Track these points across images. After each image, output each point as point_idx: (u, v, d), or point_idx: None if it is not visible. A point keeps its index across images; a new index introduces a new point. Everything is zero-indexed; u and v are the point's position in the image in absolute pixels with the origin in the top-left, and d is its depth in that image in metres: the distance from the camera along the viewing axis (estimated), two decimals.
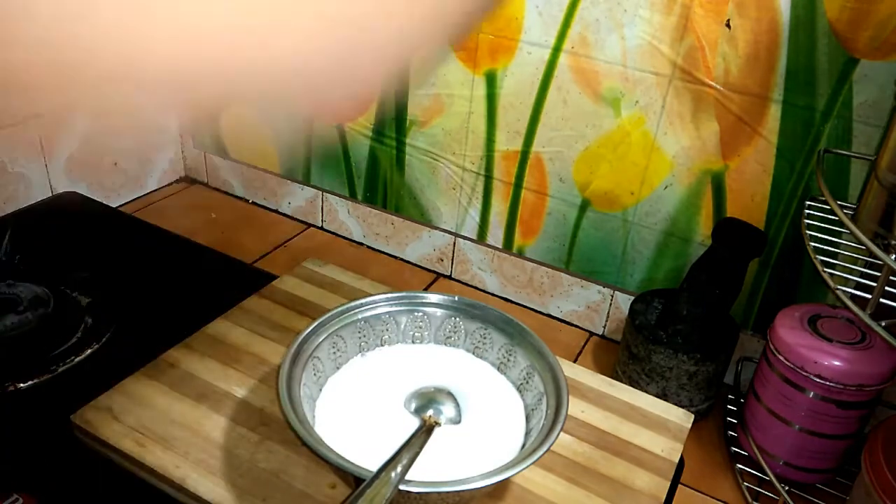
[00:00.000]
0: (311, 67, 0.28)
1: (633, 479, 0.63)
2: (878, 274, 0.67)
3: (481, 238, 1.19)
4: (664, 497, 0.62)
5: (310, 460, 0.60)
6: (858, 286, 0.71)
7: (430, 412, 0.60)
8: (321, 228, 1.37)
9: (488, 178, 1.13)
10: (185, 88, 0.27)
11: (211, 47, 0.26)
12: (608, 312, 1.14)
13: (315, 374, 0.61)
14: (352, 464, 0.49)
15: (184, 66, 0.26)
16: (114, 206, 1.33)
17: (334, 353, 0.64)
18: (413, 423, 0.58)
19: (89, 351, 0.66)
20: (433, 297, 0.68)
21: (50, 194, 1.21)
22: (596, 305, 1.14)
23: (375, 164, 1.23)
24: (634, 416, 0.70)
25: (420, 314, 0.68)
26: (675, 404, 0.75)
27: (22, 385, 0.61)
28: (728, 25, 0.86)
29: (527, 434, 0.60)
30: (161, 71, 0.26)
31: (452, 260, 1.25)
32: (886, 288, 0.67)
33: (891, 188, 0.70)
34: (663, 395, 0.94)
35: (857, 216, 0.75)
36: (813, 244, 0.76)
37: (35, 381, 0.62)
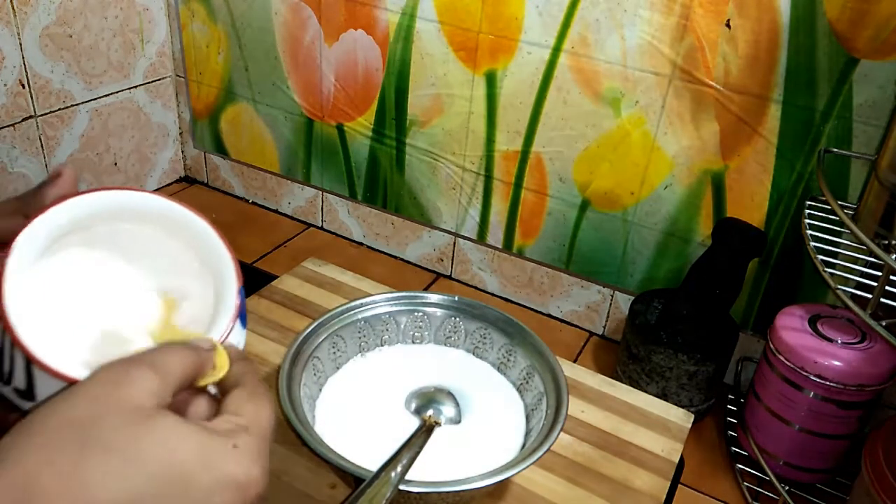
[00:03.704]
0: None
1: (633, 479, 0.63)
2: (879, 274, 0.67)
3: (481, 238, 1.19)
4: (664, 497, 0.62)
5: (310, 460, 0.60)
6: (859, 286, 0.71)
7: (430, 412, 0.60)
8: (321, 228, 1.37)
9: (488, 178, 1.13)
10: None
11: None
12: (608, 312, 1.14)
13: (315, 374, 0.61)
14: (352, 464, 0.49)
15: None
16: None
17: (334, 353, 0.64)
18: (413, 423, 0.58)
19: None
20: (433, 297, 0.68)
21: None
22: (596, 305, 1.14)
23: (375, 164, 1.23)
24: (634, 416, 0.70)
25: (420, 314, 0.68)
26: (675, 404, 0.75)
27: None
28: (728, 25, 0.86)
29: (527, 434, 0.60)
30: None
31: (452, 260, 1.25)
32: (887, 288, 0.67)
33: (891, 188, 0.70)
34: (663, 395, 0.94)
35: (857, 216, 0.75)
36: (813, 244, 0.76)
37: None
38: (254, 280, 0.77)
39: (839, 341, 0.81)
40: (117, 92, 1.28)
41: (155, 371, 0.30)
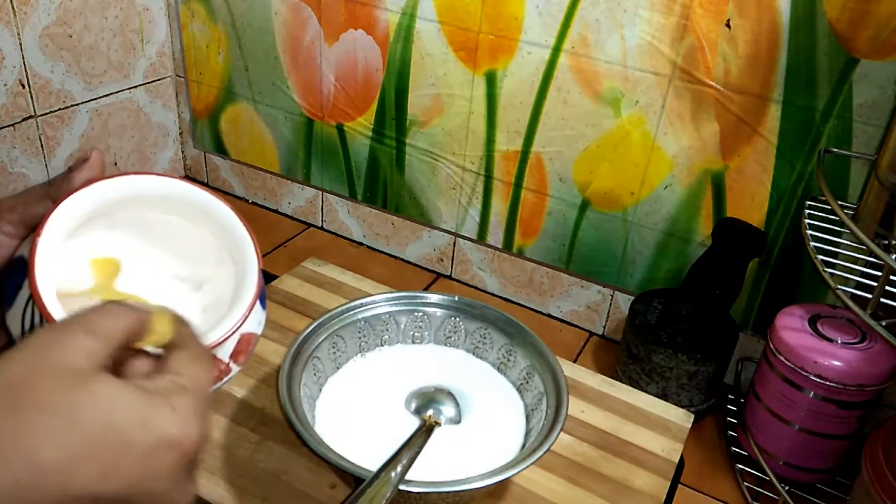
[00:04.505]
0: None
1: (633, 479, 0.63)
2: (879, 274, 0.67)
3: (481, 238, 1.19)
4: (664, 497, 0.62)
5: (310, 460, 0.60)
6: (859, 286, 0.71)
7: (430, 412, 0.60)
8: (321, 228, 1.37)
9: (488, 178, 1.13)
10: None
11: None
12: (608, 312, 1.14)
13: (315, 374, 0.61)
14: (352, 464, 0.49)
15: None
16: None
17: (334, 353, 0.64)
18: (413, 423, 0.58)
19: None
20: (433, 297, 0.68)
21: None
22: (596, 305, 1.14)
23: (375, 164, 1.23)
24: (634, 416, 0.70)
25: (420, 314, 0.68)
26: (675, 404, 0.75)
27: None
28: (728, 25, 0.86)
29: (527, 434, 0.60)
30: None
31: (452, 260, 1.25)
32: (887, 288, 0.67)
33: (891, 188, 0.70)
34: (663, 395, 0.94)
35: (857, 216, 0.75)
36: (813, 244, 0.76)
37: None
38: None
39: (839, 341, 0.81)
40: (117, 92, 1.28)
41: (90, 333, 0.30)
